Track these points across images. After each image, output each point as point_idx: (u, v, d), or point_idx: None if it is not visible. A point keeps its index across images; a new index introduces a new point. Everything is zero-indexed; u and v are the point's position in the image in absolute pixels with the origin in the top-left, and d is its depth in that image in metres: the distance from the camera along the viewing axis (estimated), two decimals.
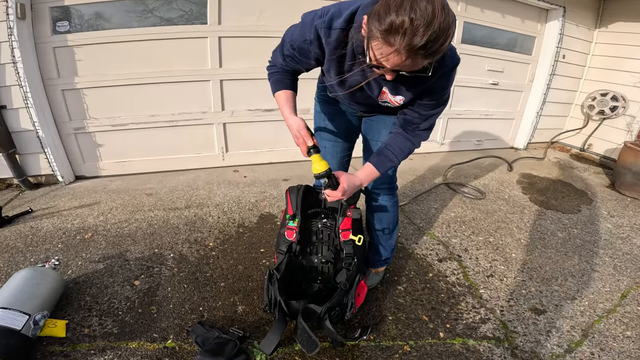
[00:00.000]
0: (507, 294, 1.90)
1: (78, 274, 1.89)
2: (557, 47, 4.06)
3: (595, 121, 4.47)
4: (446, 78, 1.17)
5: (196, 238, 2.26)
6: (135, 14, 2.83)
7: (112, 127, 3.06)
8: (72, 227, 2.34)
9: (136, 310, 1.67)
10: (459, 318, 1.72)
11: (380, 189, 1.68)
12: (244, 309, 1.71)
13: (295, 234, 1.56)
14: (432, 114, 1.28)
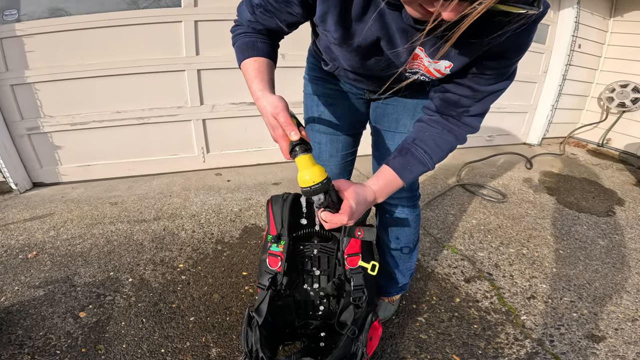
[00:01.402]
0: (555, 320, 1.56)
1: (12, 301, 1.54)
2: (572, 35, 3.78)
3: (614, 114, 4.17)
4: (527, 32, 0.74)
5: (163, 258, 1.84)
6: None
7: (71, 126, 2.66)
8: (16, 244, 1.95)
9: (78, 349, 1.31)
10: (499, 355, 1.37)
11: (397, 199, 1.25)
12: (219, 352, 1.31)
13: (281, 262, 1.12)
14: (493, 91, 0.86)
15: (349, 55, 0.88)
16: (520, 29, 0.66)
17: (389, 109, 1.16)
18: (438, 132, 0.90)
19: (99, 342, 1.33)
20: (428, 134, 0.90)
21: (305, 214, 1.15)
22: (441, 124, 0.90)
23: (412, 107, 1.11)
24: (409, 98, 1.10)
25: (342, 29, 0.79)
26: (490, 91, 0.86)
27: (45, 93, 2.56)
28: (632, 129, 4.02)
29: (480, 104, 0.88)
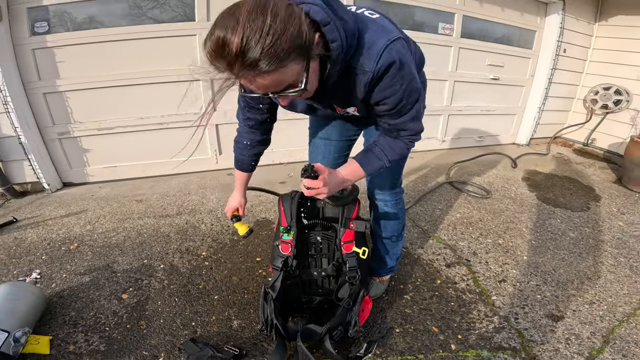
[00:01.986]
0: (521, 300, 1.79)
1: (62, 287, 1.78)
2: (557, 40, 3.99)
3: (599, 115, 4.39)
4: (386, 85, 0.94)
5: (188, 247, 2.13)
6: (120, 12, 2.70)
7: (98, 131, 2.93)
8: (58, 238, 2.21)
9: (124, 325, 1.56)
10: (471, 328, 1.62)
11: (382, 194, 1.54)
12: (240, 323, 1.58)
13: (291, 247, 1.41)
14: (403, 122, 1.06)
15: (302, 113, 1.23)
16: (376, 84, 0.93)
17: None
18: (391, 140, 1.14)
19: (141, 319, 1.59)
20: (385, 140, 1.15)
21: (304, 212, 1.46)
22: (388, 136, 1.15)
23: None
24: None
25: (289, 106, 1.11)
26: (401, 123, 1.06)
27: (75, 101, 2.81)
28: (615, 129, 4.23)
29: (404, 130, 1.10)
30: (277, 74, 0.74)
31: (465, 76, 3.85)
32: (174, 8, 2.78)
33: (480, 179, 3.34)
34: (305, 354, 1.21)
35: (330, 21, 0.79)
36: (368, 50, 0.87)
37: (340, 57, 0.84)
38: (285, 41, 0.70)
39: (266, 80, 0.75)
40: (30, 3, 2.54)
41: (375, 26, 0.90)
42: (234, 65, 0.71)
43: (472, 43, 3.71)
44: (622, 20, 4.12)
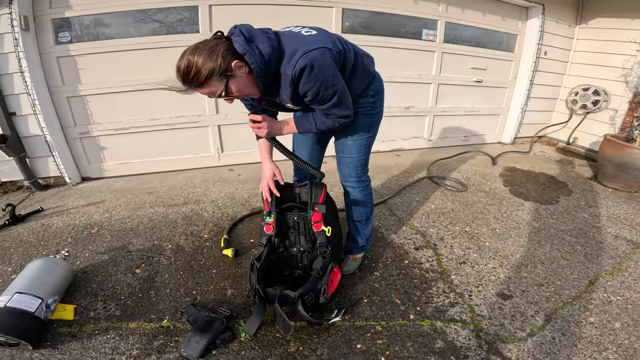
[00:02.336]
0: (476, 280, 2.01)
1: (85, 264, 2.08)
2: (538, 44, 4.18)
3: (579, 115, 4.57)
4: (303, 82, 1.27)
5: (192, 231, 2.44)
6: (134, 23, 3.00)
7: (114, 131, 3.24)
8: (80, 223, 2.52)
9: (137, 295, 1.85)
10: (429, 301, 1.84)
11: (352, 182, 1.83)
12: (233, 292, 1.88)
13: (273, 228, 1.72)
14: (325, 109, 1.41)
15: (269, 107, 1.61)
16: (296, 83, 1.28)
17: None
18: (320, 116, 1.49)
19: (150, 289, 1.88)
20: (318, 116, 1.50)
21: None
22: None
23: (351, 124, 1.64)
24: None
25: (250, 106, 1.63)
26: (326, 109, 1.40)
27: (94, 104, 3.12)
28: (596, 128, 4.39)
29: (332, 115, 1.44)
30: (206, 89, 1.22)
31: (449, 79, 4.09)
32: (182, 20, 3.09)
33: (459, 175, 3.58)
34: (280, 313, 1.49)
35: (247, 51, 1.19)
36: (289, 59, 1.24)
37: (261, 72, 1.23)
38: (203, 73, 1.17)
39: (204, 91, 1.24)
40: (54, 15, 2.82)
41: (300, 41, 1.27)
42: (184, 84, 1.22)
43: (455, 48, 3.95)
44: (601, 23, 4.27)
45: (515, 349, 1.57)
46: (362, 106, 1.62)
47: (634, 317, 1.77)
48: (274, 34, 1.29)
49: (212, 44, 1.18)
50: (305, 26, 1.38)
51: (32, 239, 2.33)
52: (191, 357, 1.47)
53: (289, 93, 1.34)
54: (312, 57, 1.22)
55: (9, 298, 1.53)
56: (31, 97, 2.82)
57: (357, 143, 1.73)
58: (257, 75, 1.24)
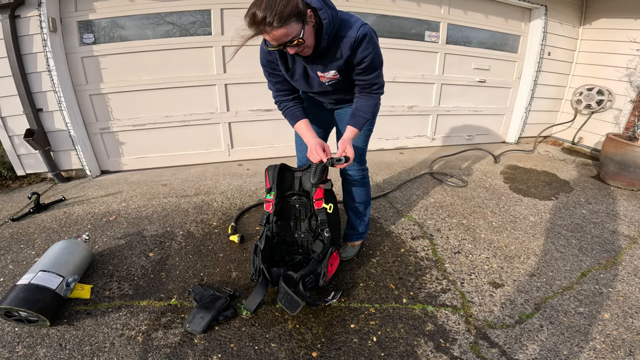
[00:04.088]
0: (469, 269, 2.05)
1: (103, 248, 2.19)
2: (541, 44, 4.17)
3: (584, 115, 4.53)
4: (361, 49, 1.40)
5: (202, 219, 2.54)
6: (150, 26, 3.14)
7: (132, 127, 3.38)
8: (99, 212, 2.65)
9: (149, 276, 1.95)
10: (422, 287, 1.89)
11: (353, 169, 1.90)
12: (237, 274, 1.97)
13: (272, 205, 1.78)
14: (372, 78, 1.52)
15: (298, 83, 1.61)
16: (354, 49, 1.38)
17: (343, 116, 1.83)
18: (365, 100, 1.60)
19: (162, 271, 1.99)
20: (360, 103, 1.60)
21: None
22: (364, 96, 1.60)
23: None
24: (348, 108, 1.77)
25: (289, 73, 1.55)
26: (373, 77, 1.52)
27: (115, 101, 3.27)
28: (601, 128, 4.34)
29: (375, 85, 1.56)
30: (284, 29, 1.21)
31: (452, 79, 4.12)
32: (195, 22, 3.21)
33: (460, 172, 3.60)
34: (287, 291, 1.56)
35: (323, 7, 1.29)
36: (351, 26, 1.36)
37: (329, 29, 1.32)
38: (288, 10, 1.18)
39: (278, 32, 1.22)
40: (79, 17, 2.98)
41: (353, 17, 1.42)
42: (259, 26, 1.21)
43: (457, 49, 3.98)
44: (605, 24, 4.23)
45: (503, 334, 1.59)
46: None
47: (624, 309, 1.76)
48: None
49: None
50: None
51: (55, 225, 2.46)
52: (195, 332, 1.56)
53: (343, 59, 1.43)
54: (369, 29, 1.38)
55: (33, 275, 1.63)
56: (57, 95, 2.97)
57: (363, 132, 1.81)
58: (325, 32, 1.33)
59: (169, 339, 1.54)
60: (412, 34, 3.79)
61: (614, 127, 4.21)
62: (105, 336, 1.55)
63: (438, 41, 3.86)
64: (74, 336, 1.54)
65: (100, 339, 1.54)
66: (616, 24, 4.10)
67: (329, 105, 1.83)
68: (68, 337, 1.54)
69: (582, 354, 1.50)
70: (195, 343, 1.52)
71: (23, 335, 1.54)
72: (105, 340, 1.53)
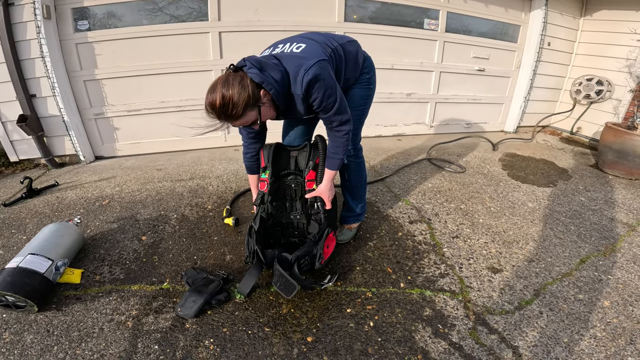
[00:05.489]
0: (468, 253, 1.99)
1: (95, 232, 2.12)
2: (541, 34, 4.08)
3: (583, 105, 4.46)
4: (312, 97, 1.37)
5: (197, 202, 2.47)
6: (146, 12, 3.05)
7: (127, 112, 3.29)
8: (92, 196, 2.57)
9: (141, 260, 1.88)
10: (420, 272, 1.83)
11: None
12: (231, 258, 1.90)
13: (267, 185, 1.71)
14: (329, 116, 1.45)
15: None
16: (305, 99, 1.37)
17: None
18: (332, 140, 1.56)
19: (154, 255, 1.91)
20: (331, 144, 1.58)
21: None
22: (330, 134, 1.56)
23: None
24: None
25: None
26: (328, 117, 1.45)
27: (109, 87, 3.18)
28: (600, 118, 4.28)
29: (334, 122, 1.48)
30: (242, 119, 1.28)
31: (451, 68, 4.02)
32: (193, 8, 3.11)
33: (459, 158, 3.52)
34: (282, 273, 1.48)
35: (264, 80, 1.25)
36: (295, 81, 1.32)
37: (279, 96, 1.32)
38: (240, 108, 1.22)
39: (237, 123, 1.30)
40: (74, 4, 2.89)
41: (298, 60, 1.33)
42: (220, 121, 1.28)
43: (456, 37, 3.88)
44: (606, 15, 4.17)
45: (502, 321, 1.53)
46: (360, 82, 1.68)
47: (624, 297, 1.70)
48: (277, 59, 1.35)
49: (239, 77, 1.23)
50: (291, 39, 1.46)
51: (47, 210, 2.38)
52: (187, 317, 1.49)
53: (303, 108, 1.42)
54: (313, 72, 1.29)
55: (22, 259, 1.56)
56: (51, 81, 2.89)
57: (354, 113, 1.70)
58: (277, 100, 1.32)
59: (159, 324, 1.47)
60: (411, 21, 3.68)
61: (613, 117, 4.14)
62: (94, 321, 1.48)
63: (437, 29, 3.77)
64: (62, 322, 1.48)
65: (89, 324, 1.47)
66: (617, 16, 4.03)
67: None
68: (56, 322, 1.47)
69: (583, 341, 1.44)
70: (186, 328, 1.45)
71: (10, 321, 1.47)
72: (94, 326, 1.46)
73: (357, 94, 1.69)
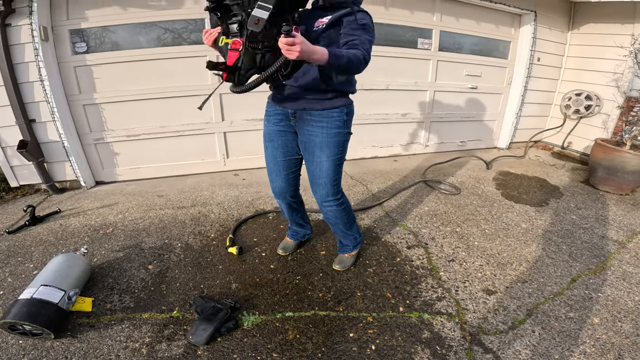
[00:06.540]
0: (464, 277, 2.14)
1: (102, 261, 2.24)
2: (531, 50, 4.30)
3: (573, 120, 4.68)
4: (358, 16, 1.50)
5: (200, 231, 2.60)
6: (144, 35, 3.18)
7: (127, 137, 3.42)
8: (96, 224, 2.69)
9: (149, 288, 2.00)
10: (418, 296, 1.98)
11: (329, 201, 1.88)
12: (237, 286, 2.03)
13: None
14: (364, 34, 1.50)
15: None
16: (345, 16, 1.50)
17: (309, 143, 1.75)
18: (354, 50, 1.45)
19: (162, 283, 2.04)
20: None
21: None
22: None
23: (319, 144, 1.72)
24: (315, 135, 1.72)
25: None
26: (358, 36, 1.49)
27: (109, 111, 3.30)
28: (590, 132, 4.49)
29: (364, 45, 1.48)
30: None
31: (444, 86, 4.23)
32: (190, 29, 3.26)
33: (454, 179, 3.71)
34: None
35: None
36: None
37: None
38: None
39: None
40: (71, 26, 2.99)
41: None
42: None
43: (449, 56, 4.10)
44: (593, 28, 4.37)
45: (497, 340, 1.68)
46: (336, 121, 1.70)
47: (613, 313, 1.86)
48: None
49: None
50: None
51: (52, 238, 2.50)
52: (198, 344, 1.63)
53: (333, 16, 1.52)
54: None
55: (35, 290, 1.68)
56: (50, 105, 2.99)
57: (332, 162, 1.77)
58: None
59: (172, 351, 1.60)
60: (405, 41, 3.89)
61: (603, 131, 4.35)
62: (109, 348, 1.61)
63: (430, 48, 3.98)
64: (79, 348, 1.60)
65: (105, 351, 1.59)
66: (603, 29, 4.23)
67: (292, 120, 1.77)
68: (73, 349, 1.59)
69: (573, 357, 1.59)
70: (198, 354, 1.58)
71: (28, 347, 1.59)
72: (110, 353, 1.58)
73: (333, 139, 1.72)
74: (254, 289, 2.00)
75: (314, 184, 1.86)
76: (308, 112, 1.71)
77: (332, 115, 1.69)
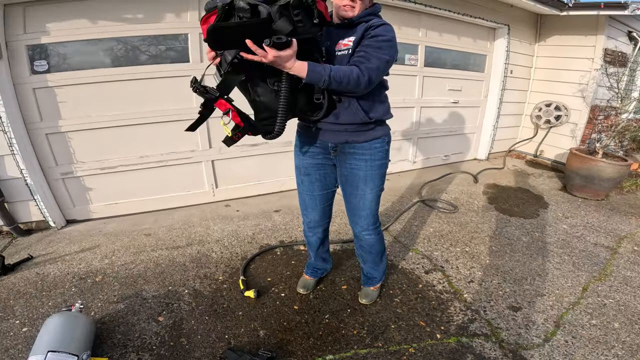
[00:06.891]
0: (487, 296, 2.28)
1: (101, 314, 2.08)
2: (505, 63, 4.69)
3: (544, 129, 5.14)
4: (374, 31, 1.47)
5: (205, 273, 2.50)
6: (118, 52, 2.94)
7: (101, 170, 3.19)
8: (79, 271, 2.49)
9: (168, 343, 1.89)
10: (450, 320, 2.07)
11: (369, 231, 1.93)
12: (266, 332, 1.98)
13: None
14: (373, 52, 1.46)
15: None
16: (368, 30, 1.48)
17: (349, 177, 1.78)
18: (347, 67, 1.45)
19: (180, 337, 1.93)
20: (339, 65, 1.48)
21: None
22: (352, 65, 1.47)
23: (363, 177, 1.76)
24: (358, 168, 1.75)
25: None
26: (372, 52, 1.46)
27: (77, 141, 3.02)
28: (559, 141, 4.98)
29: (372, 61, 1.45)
30: None
31: (430, 102, 4.47)
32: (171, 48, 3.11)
33: (448, 196, 3.93)
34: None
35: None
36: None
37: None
38: None
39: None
40: (29, 41, 2.67)
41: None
42: None
43: (434, 71, 4.35)
44: (558, 40, 4.85)
45: (537, 354, 1.82)
46: (379, 152, 1.75)
47: (628, 316, 2.10)
48: None
49: None
50: None
51: (31, 289, 2.28)
52: None
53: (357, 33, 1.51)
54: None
55: (43, 357, 1.54)
56: (7, 136, 2.67)
57: (375, 194, 1.83)
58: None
59: None
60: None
61: (572, 140, 4.82)
62: None
63: (417, 64, 4.19)
64: None
65: None
66: (568, 41, 4.71)
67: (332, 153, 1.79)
68: None
69: None
70: None
71: None
72: None
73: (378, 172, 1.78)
74: (285, 334, 1.97)
75: (355, 215, 1.89)
76: (351, 146, 1.73)
77: (374, 146, 1.73)
